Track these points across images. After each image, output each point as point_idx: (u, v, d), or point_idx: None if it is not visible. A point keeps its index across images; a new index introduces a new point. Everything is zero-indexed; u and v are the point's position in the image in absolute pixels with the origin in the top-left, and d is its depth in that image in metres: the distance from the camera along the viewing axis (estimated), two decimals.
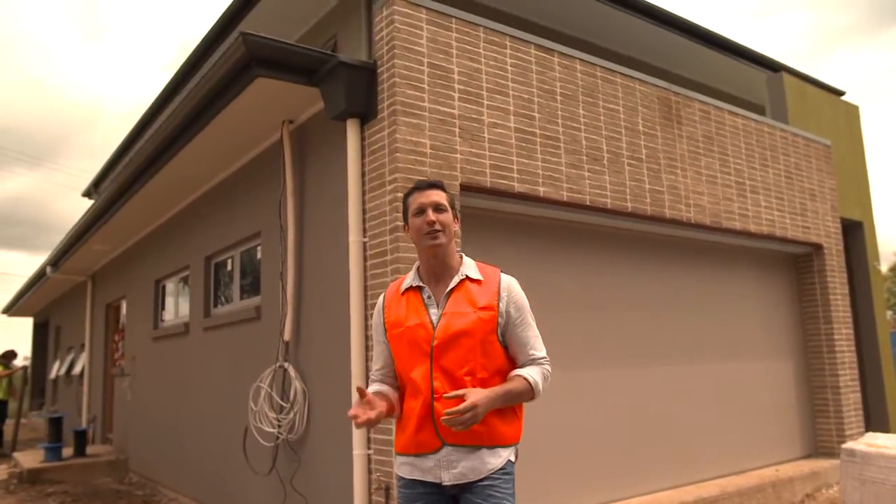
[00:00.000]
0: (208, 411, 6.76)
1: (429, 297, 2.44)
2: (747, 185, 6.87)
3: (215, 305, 7.08)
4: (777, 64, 8.79)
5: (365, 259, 4.55)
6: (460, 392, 2.23)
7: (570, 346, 5.43)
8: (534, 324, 2.49)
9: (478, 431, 2.31)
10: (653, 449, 5.87)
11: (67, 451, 9.36)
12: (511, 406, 2.40)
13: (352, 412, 2.28)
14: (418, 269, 2.52)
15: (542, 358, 2.47)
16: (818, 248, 7.66)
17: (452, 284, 2.43)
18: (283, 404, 5.21)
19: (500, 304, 2.40)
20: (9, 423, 12.47)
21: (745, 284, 7.15)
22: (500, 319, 2.39)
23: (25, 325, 21.35)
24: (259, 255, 6.12)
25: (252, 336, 5.94)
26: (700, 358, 6.49)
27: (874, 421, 8.55)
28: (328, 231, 4.99)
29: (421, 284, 2.48)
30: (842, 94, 10.05)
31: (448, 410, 2.18)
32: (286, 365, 5.22)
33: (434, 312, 2.41)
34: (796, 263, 7.83)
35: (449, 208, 2.46)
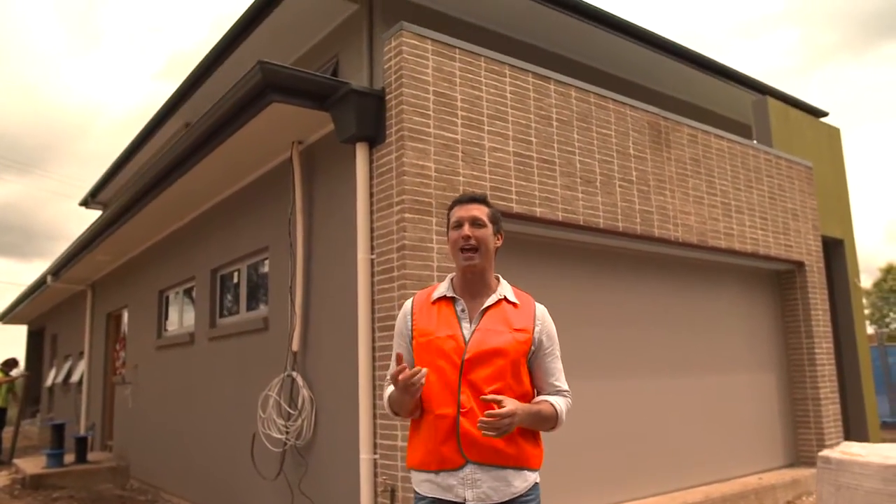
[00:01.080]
0: (214, 418, 6.98)
1: (462, 311, 2.39)
2: (732, 205, 7.20)
3: (221, 316, 7.31)
4: (763, 86, 9.16)
5: (372, 275, 4.82)
6: (499, 397, 2.19)
7: (564, 359, 5.68)
8: (560, 357, 2.50)
9: (503, 451, 2.26)
10: (642, 457, 6.14)
11: (69, 458, 9.52)
12: (533, 431, 2.37)
13: (399, 374, 2.18)
14: (452, 280, 2.48)
15: (566, 391, 2.47)
16: (800, 265, 8.00)
17: (490, 302, 2.40)
18: (291, 411, 5.45)
19: (535, 331, 2.41)
20: (7, 431, 12.57)
21: (730, 300, 7.46)
22: (532, 346, 2.39)
23: (19, 332, 21.31)
24: (266, 269, 6.37)
25: (259, 346, 6.18)
26: (687, 371, 6.78)
27: (854, 431, 8.85)
28: (336, 248, 5.26)
29: (455, 296, 2.43)
30: (824, 114, 10.44)
31: (489, 412, 2.12)
32: (294, 374, 5.47)
33: (467, 327, 2.36)
34: (779, 280, 8.16)
35: (489, 224, 2.41)
